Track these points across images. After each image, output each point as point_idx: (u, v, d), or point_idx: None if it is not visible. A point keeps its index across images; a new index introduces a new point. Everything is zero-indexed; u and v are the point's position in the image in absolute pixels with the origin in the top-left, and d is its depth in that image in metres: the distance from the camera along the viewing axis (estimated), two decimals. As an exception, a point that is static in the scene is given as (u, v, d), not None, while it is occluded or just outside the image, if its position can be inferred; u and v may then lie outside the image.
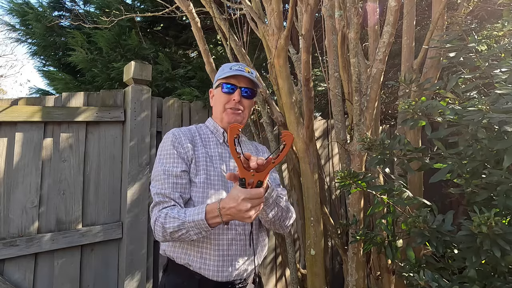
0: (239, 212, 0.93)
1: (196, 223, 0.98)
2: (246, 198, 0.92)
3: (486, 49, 1.31)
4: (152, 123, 2.19)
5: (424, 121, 1.14)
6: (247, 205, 0.92)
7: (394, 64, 3.82)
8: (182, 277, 1.10)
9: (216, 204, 0.98)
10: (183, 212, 1.02)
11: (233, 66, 1.23)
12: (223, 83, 1.21)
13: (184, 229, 1.00)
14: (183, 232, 1.01)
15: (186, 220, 0.99)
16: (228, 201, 0.95)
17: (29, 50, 4.23)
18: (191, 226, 0.99)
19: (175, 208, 1.05)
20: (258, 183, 0.95)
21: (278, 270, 2.78)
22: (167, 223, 1.01)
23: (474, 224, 0.89)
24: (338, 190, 3.20)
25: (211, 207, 0.99)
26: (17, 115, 1.75)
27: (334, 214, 3.06)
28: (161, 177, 1.10)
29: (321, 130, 3.23)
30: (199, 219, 0.98)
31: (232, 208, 0.94)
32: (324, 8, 1.80)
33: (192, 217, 0.99)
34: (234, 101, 1.20)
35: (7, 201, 1.73)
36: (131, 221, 2.00)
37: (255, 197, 0.93)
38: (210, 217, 0.98)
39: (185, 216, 1.00)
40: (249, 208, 0.92)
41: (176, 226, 1.00)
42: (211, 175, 1.15)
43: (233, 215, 0.96)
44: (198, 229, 0.99)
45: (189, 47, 4.21)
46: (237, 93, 1.20)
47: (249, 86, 1.22)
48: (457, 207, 3.72)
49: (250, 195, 0.92)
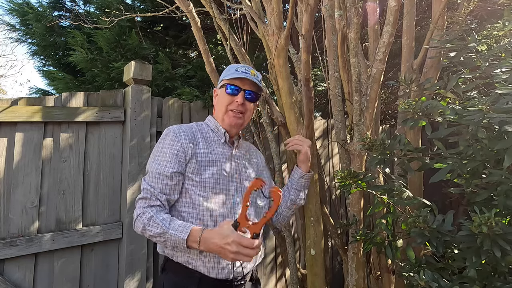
0: (222, 250, 0.97)
1: (176, 239, 1.01)
2: (236, 242, 0.95)
3: (486, 49, 1.31)
4: (152, 123, 2.19)
5: (424, 121, 1.13)
6: (234, 248, 0.95)
7: (394, 64, 3.82)
8: (181, 276, 1.11)
9: (199, 231, 1.01)
10: (168, 221, 1.04)
11: (239, 68, 1.23)
12: (228, 84, 1.21)
13: (163, 237, 1.03)
14: (160, 240, 1.05)
15: (168, 232, 1.02)
16: (213, 236, 0.98)
17: (29, 50, 4.23)
18: (171, 239, 1.02)
19: (161, 212, 1.07)
20: (254, 235, 0.98)
21: (278, 270, 2.78)
22: (149, 225, 1.04)
23: (474, 224, 0.89)
24: (338, 190, 3.20)
25: (195, 231, 1.01)
26: (17, 115, 1.75)
27: (334, 214, 3.06)
28: (153, 175, 1.11)
29: (321, 130, 3.23)
30: (181, 237, 1.01)
31: (215, 244, 0.97)
32: (324, 8, 1.80)
33: (175, 232, 1.02)
34: (237, 103, 1.20)
35: (7, 201, 1.73)
36: (131, 221, 1.99)
37: (245, 245, 0.95)
38: (191, 240, 1.01)
39: (168, 228, 1.03)
40: (234, 251, 0.95)
41: (156, 233, 1.04)
42: (214, 175, 1.15)
43: (212, 249, 0.99)
44: (176, 244, 1.02)
45: (189, 47, 4.21)
46: (241, 96, 1.20)
47: (253, 89, 1.23)
48: (457, 207, 3.72)
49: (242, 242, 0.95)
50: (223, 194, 1.15)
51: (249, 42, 2.15)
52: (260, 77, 1.28)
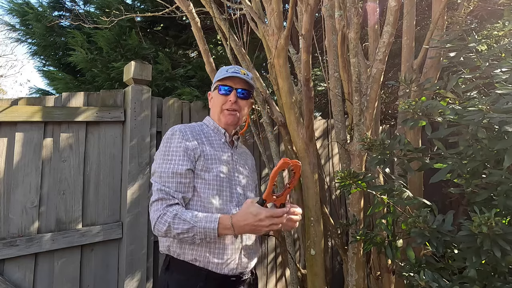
0: (256, 227, 1.02)
1: (206, 230, 1.04)
2: (269, 216, 1.01)
3: (486, 49, 1.32)
4: (152, 123, 2.19)
5: (424, 121, 1.14)
6: (267, 222, 1.01)
7: (394, 64, 3.82)
8: (187, 274, 1.12)
9: (228, 218, 1.05)
10: (194, 215, 1.06)
11: (229, 68, 1.27)
12: (220, 85, 1.26)
13: (191, 232, 1.04)
14: (189, 235, 1.05)
15: (197, 226, 1.04)
16: (245, 217, 1.03)
17: (29, 50, 4.23)
18: (200, 232, 1.04)
19: (183, 209, 1.09)
20: (281, 205, 1.07)
21: (278, 270, 2.78)
22: (176, 223, 1.05)
23: (474, 224, 0.89)
24: (338, 190, 3.20)
25: (223, 218, 1.05)
26: (17, 115, 1.75)
27: (334, 214, 3.06)
28: (166, 174, 1.12)
29: (321, 130, 3.23)
30: (211, 227, 1.03)
31: (249, 224, 1.02)
32: (324, 8, 1.80)
33: (204, 224, 1.04)
34: (230, 102, 1.24)
35: (7, 201, 1.73)
36: (131, 221, 2.00)
37: (278, 215, 1.02)
38: (221, 228, 1.04)
39: (196, 221, 1.04)
40: (269, 225, 1.02)
41: (185, 229, 1.04)
42: (220, 173, 1.18)
43: (246, 230, 1.04)
44: (205, 235, 1.05)
45: (189, 47, 4.21)
46: (233, 94, 1.24)
47: (245, 87, 1.27)
48: (457, 207, 3.71)
49: (273, 214, 1.02)
50: (229, 192, 1.18)
51: (249, 42, 2.16)
52: (251, 76, 1.31)
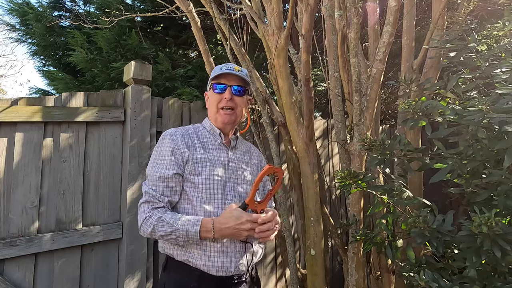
0: (237, 231, 1.06)
1: (189, 233, 1.06)
2: (249, 221, 1.05)
3: (486, 49, 1.32)
4: (152, 123, 2.19)
5: (424, 121, 1.14)
6: (248, 226, 1.05)
7: (394, 64, 3.82)
8: (182, 273, 1.13)
9: (210, 221, 1.07)
10: (176, 218, 1.09)
11: (223, 66, 1.27)
12: (214, 84, 1.25)
13: (174, 235, 1.07)
14: (172, 237, 1.08)
15: (179, 228, 1.07)
16: (226, 220, 1.06)
17: (29, 50, 4.23)
18: (183, 234, 1.07)
19: (168, 212, 1.12)
20: (261, 211, 1.11)
21: (278, 270, 2.78)
22: (159, 226, 1.08)
23: (474, 224, 0.89)
24: (338, 190, 3.20)
25: (205, 221, 1.08)
26: (17, 115, 1.75)
27: (334, 214, 3.06)
28: (154, 178, 1.15)
29: (321, 130, 3.22)
30: (193, 230, 1.06)
31: (229, 228, 1.05)
32: (324, 8, 1.80)
33: (186, 227, 1.07)
34: (225, 99, 1.23)
35: (7, 201, 1.72)
36: (131, 221, 2.00)
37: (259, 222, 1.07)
38: (203, 231, 1.07)
39: (179, 224, 1.07)
40: (249, 229, 1.06)
41: (168, 231, 1.08)
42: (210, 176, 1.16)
43: (227, 233, 1.07)
44: (188, 238, 1.07)
45: (189, 47, 4.21)
46: (228, 92, 1.23)
47: (240, 84, 1.25)
48: (457, 207, 3.71)
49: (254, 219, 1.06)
50: (221, 196, 1.16)
51: (249, 42, 2.15)
52: (246, 72, 1.30)
